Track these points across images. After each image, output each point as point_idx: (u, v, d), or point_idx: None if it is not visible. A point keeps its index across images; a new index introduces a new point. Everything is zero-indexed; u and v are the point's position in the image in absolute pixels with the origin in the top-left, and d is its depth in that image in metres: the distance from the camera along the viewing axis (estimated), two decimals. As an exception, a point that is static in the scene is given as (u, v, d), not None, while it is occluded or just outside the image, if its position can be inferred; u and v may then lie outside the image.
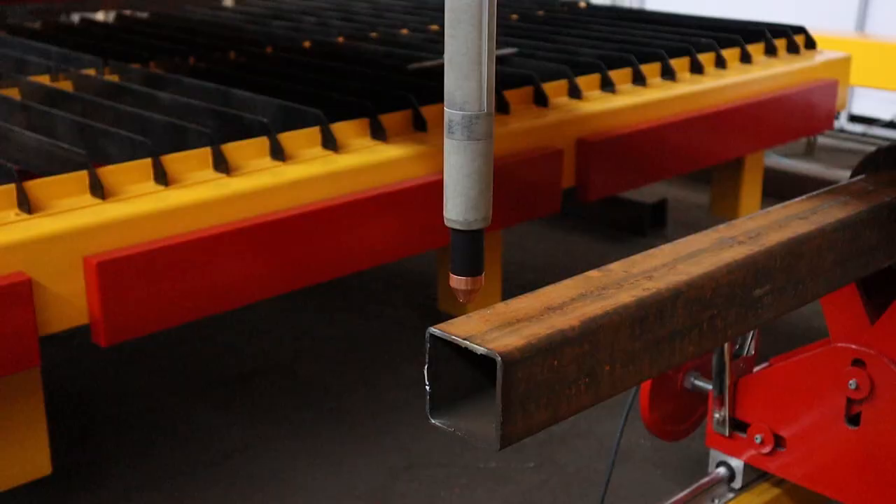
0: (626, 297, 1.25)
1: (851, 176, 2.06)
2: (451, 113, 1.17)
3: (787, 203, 1.81)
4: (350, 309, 3.83)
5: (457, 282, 1.19)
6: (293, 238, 2.53)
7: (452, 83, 1.17)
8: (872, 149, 2.13)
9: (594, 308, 1.20)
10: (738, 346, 2.11)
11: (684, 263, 1.48)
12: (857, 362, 1.92)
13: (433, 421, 1.13)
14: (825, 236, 1.68)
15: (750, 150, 3.95)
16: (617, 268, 1.47)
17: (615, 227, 4.74)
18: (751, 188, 4.28)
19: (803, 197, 1.84)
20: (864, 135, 6.17)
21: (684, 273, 1.36)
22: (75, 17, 4.73)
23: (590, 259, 4.42)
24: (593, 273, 1.41)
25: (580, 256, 4.42)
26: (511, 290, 4.08)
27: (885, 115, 6.10)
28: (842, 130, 6.23)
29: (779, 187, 5.25)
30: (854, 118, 6.28)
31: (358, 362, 3.43)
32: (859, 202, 1.81)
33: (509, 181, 2.96)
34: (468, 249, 1.20)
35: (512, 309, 1.20)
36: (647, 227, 4.67)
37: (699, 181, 5.23)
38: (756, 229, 1.66)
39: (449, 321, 1.14)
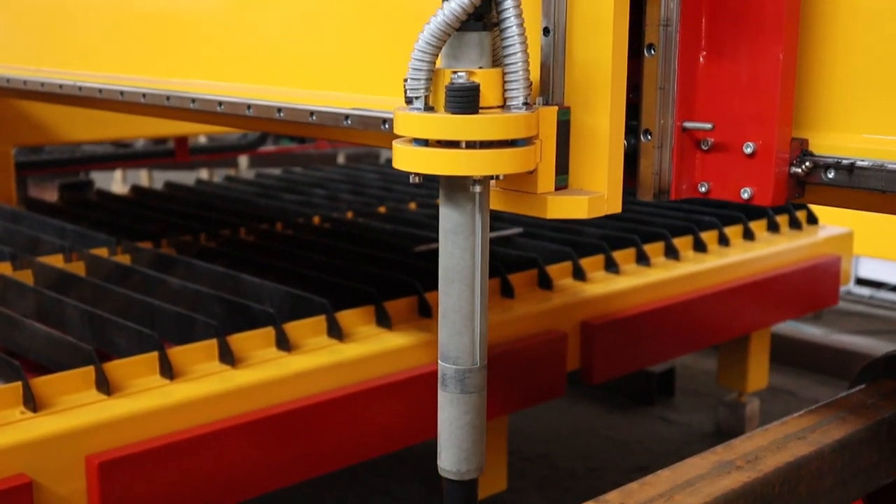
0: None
1: (851, 385, 2.06)
2: (444, 367, 1.19)
3: (786, 420, 1.81)
4: (355, 483, 3.79)
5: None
6: (299, 429, 2.54)
7: (446, 338, 1.20)
8: (878, 312, 2.14)
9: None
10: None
11: (682, 493, 1.47)
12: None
13: None
14: (824, 458, 1.68)
15: (755, 328, 3.97)
16: (614, 499, 1.47)
17: (623, 395, 4.72)
18: (758, 359, 4.28)
19: (802, 412, 1.84)
20: (871, 298, 6.19)
21: (681, 508, 1.36)
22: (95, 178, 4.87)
23: (597, 429, 4.40)
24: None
25: (587, 427, 4.39)
26: (517, 462, 4.04)
27: (893, 279, 6.13)
28: (849, 293, 6.25)
29: (786, 353, 5.26)
30: (861, 281, 6.31)
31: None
32: (858, 418, 1.81)
33: (513, 367, 2.97)
34: (462, 498, 1.21)
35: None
36: (654, 396, 4.66)
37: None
38: (754, 451, 1.65)
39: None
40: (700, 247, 3.82)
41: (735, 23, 1.34)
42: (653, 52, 1.35)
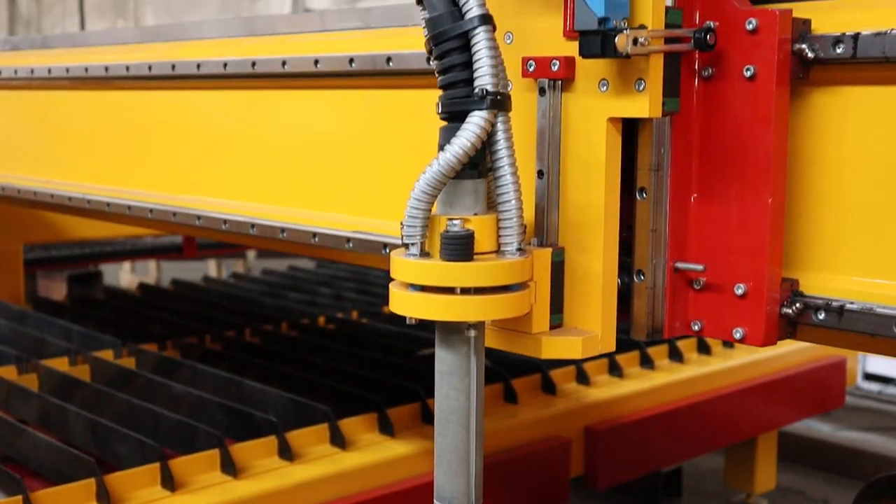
0: None
1: (854, 506, 2.05)
2: (439, 510, 1.20)
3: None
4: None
5: None
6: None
7: (441, 478, 1.20)
8: (888, 408, 2.14)
9: None
10: None
11: None
12: None
13: None
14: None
15: (761, 431, 3.95)
16: None
17: (630, 495, 4.67)
18: (765, 460, 4.25)
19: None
20: (879, 393, 6.15)
21: None
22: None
23: (603, 532, 4.35)
24: None
25: (593, 529, 4.34)
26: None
27: (900, 374, 6.11)
28: (857, 389, 6.22)
29: (794, 450, 5.21)
30: (869, 376, 6.28)
31: None
32: (860, 547, 1.80)
33: (516, 474, 2.96)
34: None
35: None
36: (661, 496, 4.61)
37: (714, 446, 5.19)
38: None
39: None
40: (704, 349, 3.82)
41: (725, 166, 1.37)
42: (644, 195, 1.39)
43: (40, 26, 14.45)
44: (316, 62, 1.98)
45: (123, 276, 7.92)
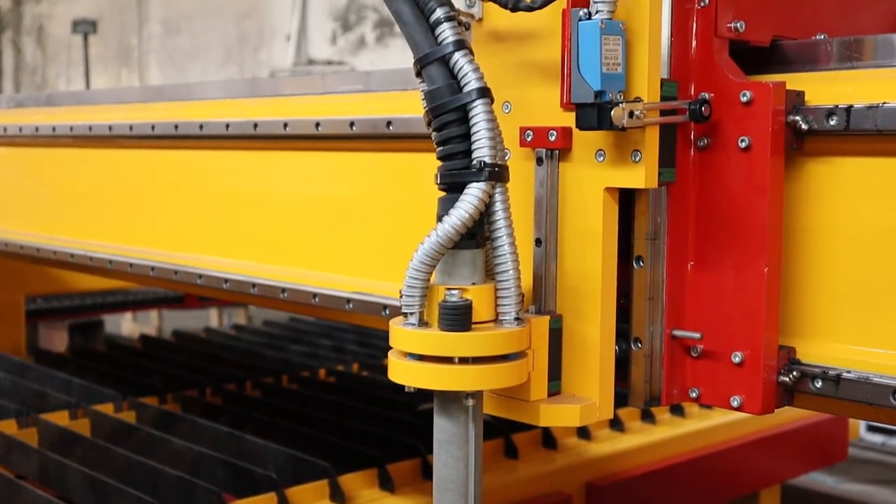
0: None
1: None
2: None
3: None
4: None
5: None
6: None
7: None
8: (891, 460, 2.13)
9: None
10: None
11: None
12: None
13: None
14: None
15: (764, 485, 3.92)
16: None
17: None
18: (768, 514, 4.22)
19: None
20: (883, 444, 6.12)
21: None
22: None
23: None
24: None
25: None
26: None
27: (903, 425, 6.07)
28: (861, 440, 6.19)
29: (797, 503, 5.17)
30: (873, 428, 6.25)
31: None
32: None
33: (517, 532, 2.94)
34: None
35: None
36: (664, 550, 4.56)
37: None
38: None
39: None
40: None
41: (721, 235, 1.39)
42: (641, 263, 1.40)
43: (45, 75, 14.59)
44: (317, 125, 2.01)
45: (125, 324, 7.92)
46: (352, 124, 1.94)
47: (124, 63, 13.20)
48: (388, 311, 1.87)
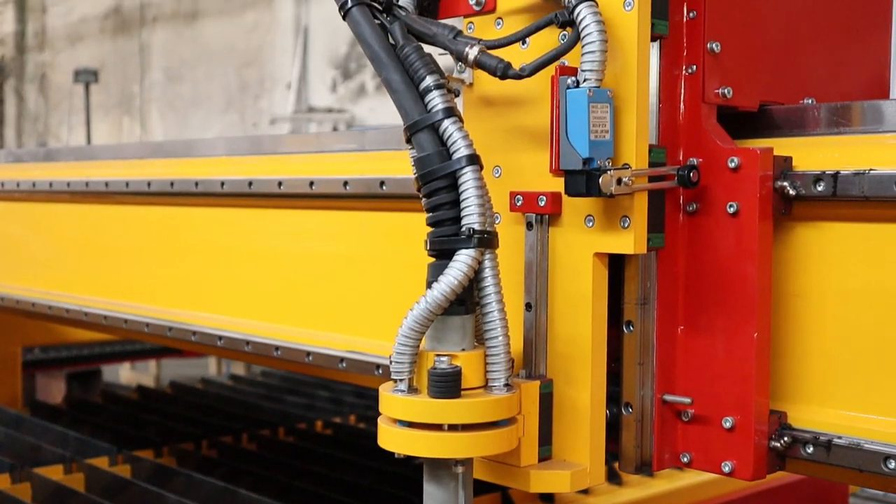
0: None
1: None
2: None
3: None
4: None
5: None
6: None
7: None
8: None
9: None
10: None
11: None
12: None
13: None
14: None
15: (763, 539, 3.89)
16: None
17: None
18: (769, 568, 4.18)
19: None
20: (885, 496, 6.06)
21: None
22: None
23: None
24: None
25: None
26: None
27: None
28: (861, 491, 6.13)
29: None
30: (873, 477, 6.20)
31: None
32: None
33: (514, 589, 2.91)
34: None
35: None
36: None
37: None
38: None
39: None
40: (704, 455, 3.78)
41: (710, 300, 1.39)
42: (631, 328, 1.40)
43: (47, 122, 14.68)
44: (311, 184, 2.02)
45: (123, 372, 7.90)
46: (345, 184, 1.95)
47: (126, 111, 13.29)
48: (380, 371, 1.87)
